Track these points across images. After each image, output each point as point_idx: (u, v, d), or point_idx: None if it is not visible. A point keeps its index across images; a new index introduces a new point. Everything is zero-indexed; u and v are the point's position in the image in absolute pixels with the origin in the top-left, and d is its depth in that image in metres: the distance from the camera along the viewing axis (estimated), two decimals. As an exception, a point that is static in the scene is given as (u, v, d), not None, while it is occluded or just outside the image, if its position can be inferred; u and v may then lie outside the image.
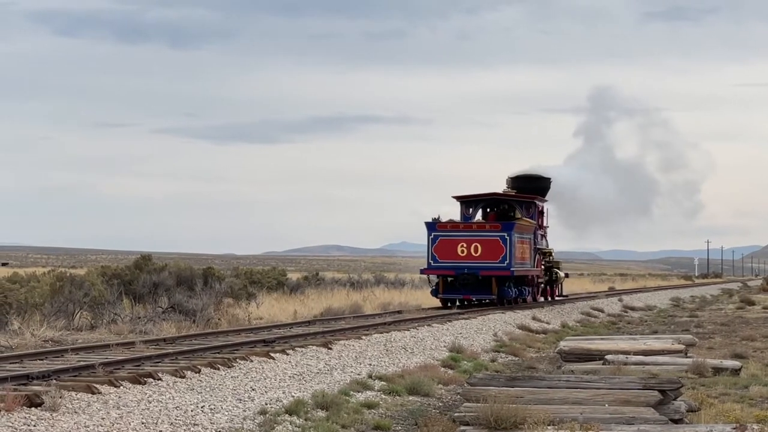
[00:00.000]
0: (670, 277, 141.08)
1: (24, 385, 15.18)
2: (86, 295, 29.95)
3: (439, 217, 42.17)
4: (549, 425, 13.89)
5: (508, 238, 40.74)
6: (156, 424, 14.35)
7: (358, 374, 20.94)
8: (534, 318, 38.58)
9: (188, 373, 17.73)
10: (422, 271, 43.55)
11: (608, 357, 23.08)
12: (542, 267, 47.71)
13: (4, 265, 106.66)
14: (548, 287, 49.91)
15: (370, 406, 17.93)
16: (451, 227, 41.82)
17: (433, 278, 42.53)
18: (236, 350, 21.24)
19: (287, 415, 16.15)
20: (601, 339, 27.77)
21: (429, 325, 30.64)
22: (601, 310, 48.54)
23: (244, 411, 16.01)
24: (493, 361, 26.22)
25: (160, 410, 15.10)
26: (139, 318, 29.22)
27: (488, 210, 45.18)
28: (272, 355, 20.95)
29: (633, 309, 53.26)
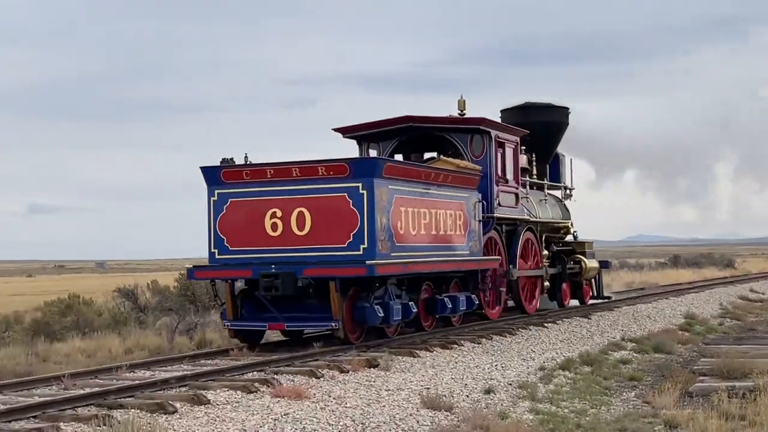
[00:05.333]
0: None
1: (364, 352, 15.58)
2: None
3: (233, 158, 16.48)
4: (772, 374, 13.44)
5: (365, 192, 15.50)
6: (462, 378, 14.44)
7: (613, 338, 20.58)
8: (751, 290, 37.00)
9: (483, 341, 17.82)
10: (192, 274, 16.77)
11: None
12: (540, 253, 22.63)
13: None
14: (562, 286, 24.26)
15: (624, 362, 17.69)
16: (251, 175, 16.15)
17: (223, 287, 16.87)
18: (517, 321, 21.11)
19: (561, 370, 16.05)
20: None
21: (666, 298, 29.93)
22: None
23: (528, 368, 15.95)
24: (720, 324, 25.33)
25: (464, 368, 15.19)
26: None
27: (411, 152, 20.92)
28: (545, 325, 20.85)
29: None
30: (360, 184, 15.52)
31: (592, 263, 25.33)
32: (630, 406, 13.81)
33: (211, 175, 16.39)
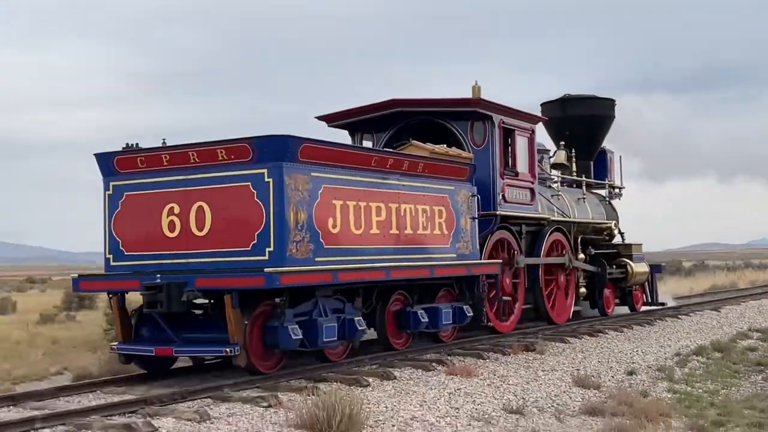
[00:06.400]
0: None
1: (522, 338, 16.77)
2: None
3: (137, 144, 12.39)
4: None
5: (271, 180, 11.34)
6: (607, 362, 15.22)
7: (741, 328, 21.06)
8: None
9: (624, 330, 18.87)
10: (77, 285, 12.55)
11: None
12: (570, 255, 19.19)
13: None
14: (604, 292, 21.06)
15: (751, 349, 18.24)
16: (146, 162, 12.10)
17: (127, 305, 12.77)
18: (653, 314, 21.83)
19: (694, 355, 16.70)
20: None
21: (790, 294, 30.41)
22: None
23: (665, 354, 16.59)
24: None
25: (608, 353, 15.95)
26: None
27: (401, 138, 16.41)
28: (679, 317, 21.79)
29: None
30: (265, 171, 11.45)
31: (640, 267, 22.03)
32: (758, 388, 14.61)
33: (105, 164, 12.61)
